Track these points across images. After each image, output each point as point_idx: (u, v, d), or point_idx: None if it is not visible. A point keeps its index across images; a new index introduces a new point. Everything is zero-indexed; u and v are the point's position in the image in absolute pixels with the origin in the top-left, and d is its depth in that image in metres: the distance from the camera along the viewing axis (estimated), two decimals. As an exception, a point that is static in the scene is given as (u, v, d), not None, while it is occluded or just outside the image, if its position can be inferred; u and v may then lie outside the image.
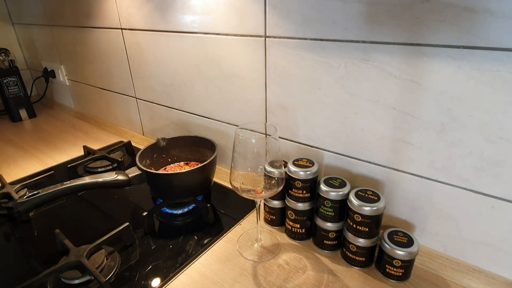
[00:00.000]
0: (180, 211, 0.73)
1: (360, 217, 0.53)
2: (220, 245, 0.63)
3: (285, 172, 0.60)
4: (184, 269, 0.58)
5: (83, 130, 1.25)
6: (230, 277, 0.56)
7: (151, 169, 0.75)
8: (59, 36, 1.25)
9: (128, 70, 1.03)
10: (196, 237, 0.65)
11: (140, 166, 0.68)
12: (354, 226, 0.55)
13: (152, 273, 0.57)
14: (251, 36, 0.67)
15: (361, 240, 0.55)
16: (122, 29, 0.96)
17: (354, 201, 0.53)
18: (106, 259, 0.59)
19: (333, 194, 0.56)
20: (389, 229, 0.56)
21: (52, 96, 1.56)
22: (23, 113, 1.37)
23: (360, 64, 0.55)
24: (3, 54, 1.31)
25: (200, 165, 0.68)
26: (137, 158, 0.71)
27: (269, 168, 0.54)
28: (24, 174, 0.92)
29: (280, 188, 0.54)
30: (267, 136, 0.50)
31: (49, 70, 1.41)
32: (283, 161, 0.59)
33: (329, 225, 0.59)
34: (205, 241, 0.64)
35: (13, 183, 0.83)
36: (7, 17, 1.49)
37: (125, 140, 1.06)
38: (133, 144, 1.07)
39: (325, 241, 0.61)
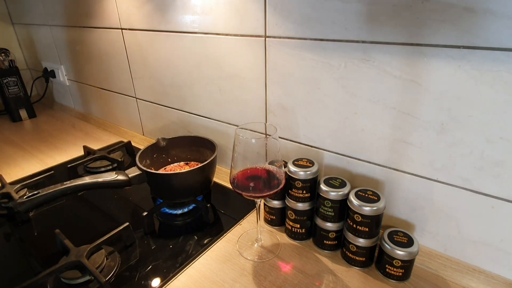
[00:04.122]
0: (180, 211, 0.73)
1: (360, 217, 0.53)
2: (220, 245, 0.63)
3: (285, 172, 0.60)
4: (184, 269, 0.58)
5: (83, 130, 1.25)
6: (230, 277, 0.56)
7: (151, 169, 0.75)
8: (59, 36, 1.25)
9: (128, 70, 1.03)
10: (196, 237, 0.65)
11: (140, 166, 0.68)
12: (354, 226, 0.55)
13: (152, 273, 0.57)
14: (251, 36, 0.67)
15: (361, 240, 0.55)
16: (122, 29, 0.96)
17: (354, 201, 0.53)
18: (106, 259, 0.59)
19: (333, 194, 0.56)
20: (389, 229, 0.56)
21: (52, 96, 1.56)
22: (23, 113, 1.37)
23: (360, 64, 0.55)
24: (3, 54, 1.31)
25: (200, 165, 0.68)
26: (137, 158, 0.71)
27: (269, 168, 0.54)
28: (24, 174, 0.92)
29: (280, 188, 0.54)
30: (267, 136, 0.50)
31: (49, 70, 1.41)
32: (283, 161, 0.59)
33: (329, 225, 0.59)
34: (205, 241, 0.64)
35: (13, 183, 0.83)
36: (7, 17, 1.49)
37: (125, 140, 1.06)
38: (133, 144, 1.07)
39: (325, 241, 0.61)
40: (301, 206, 0.61)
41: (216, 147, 0.75)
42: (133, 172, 0.68)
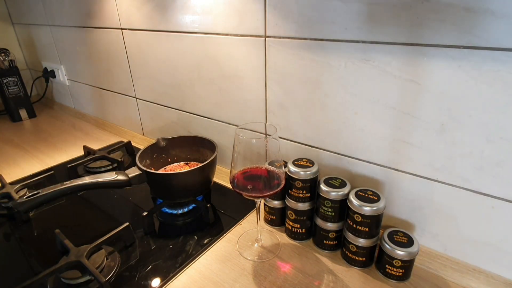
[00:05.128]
0: (180, 211, 0.73)
1: (360, 217, 0.53)
2: (220, 245, 0.63)
3: (285, 172, 0.60)
4: (184, 269, 0.58)
5: (83, 130, 1.25)
6: (230, 277, 0.56)
7: (151, 169, 0.75)
8: (59, 36, 1.25)
9: (128, 70, 1.03)
10: (196, 237, 0.65)
11: (140, 166, 0.68)
12: (354, 226, 0.55)
13: (152, 273, 0.57)
14: (251, 36, 0.67)
15: (361, 240, 0.55)
16: (122, 29, 0.96)
17: (354, 201, 0.53)
18: (106, 259, 0.59)
19: (333, 194, 0.56)
20: (389, 229, 0.56)
21: (52, 96, 1.56)
22: (23, 113, 1.37)
23: (360, 64, 0.55)
24: (3, 54, 1.31)
25: (200, 165, 0.68)
26: (137, 158, 0.71)
27: (269, 168, 0.54)
28: (24, 174, 0.92)
29: (280, 188, 0.54)
30: (267, 136, 0.50)
31: (49, 70, 1.41)
32: (283, 161, 0.59)
33: (329, 225, 0.59)
34: (205, 241, 0.64)
35: (13, 183, 0.83)
36: (7, 17, 1.49)
37: (125, 140, 1.06)
38: (133, 144, 1.07)
39: (325, 241, 0.61)
40: (301, 206, 0.61)
41: (216, 147, 0.75)
42: (133, 172, 0.68)
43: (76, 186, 0.62)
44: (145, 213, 0.67)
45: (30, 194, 0.58)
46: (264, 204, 0.69)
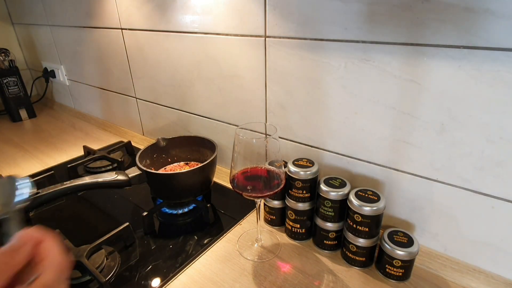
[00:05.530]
0: (180, 211, 0.73)
1: (360, 217, 0.53)
2: (220, 245, 0.63)
3: (285, 172, 0.60)
4: (184, 269, 0.58)
5: (83, 130, 1.25)
6: (230, 277, 0.56)
7: (151, 169, 0.75)
8: (59, 36, 1.25)
9: (128, 70, 1.03)
10: (196, 237, 0.65)
11: (140, 166, 0.68)
12: (354, 226, 0.55)
13: (152, 273, 0.57)
14: (251, 36, 0.67)
15: (361, 240, 0.55)
16: (122, 29, 0.96)
17: (354, 201, 0.53)
18: (106, 259, 0.59)
19: (333, 194, 0.56)
20: (389, 229, 0.56)
21: (52, 96, 1.56)
22: (23, 113, 1.37)
23: (360, 64, 0.55)
24: (3, 54, 1.31)
25: (200, 165, 0.68)
26: (137, 158, 0.71)
27: (269, 168, 0.54)
28: (24, 174, 0.92)
29: (280, 188, 0.54)
30: (267, 136, 0.50)
31: (49, 70, 1.41)
32: (283, 161, 0.59)
33: (329, 225, 0.59)
34: (205, 241, 0.64)
35: (13, 183, 0.83)
36: (7, 17, 1.49)
37: (125, 140, 1.06)
38: (133, 144, 1.07)
39: (325, 241, 0.61)
40: (301, 206, 0.61)
41: (216, 147, 0.75)
42: (133, 172, 0.68)
43: (76, 186, 0.62)
44: (145, 213, 0.67)
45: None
46: (264, 204, 0.69)
